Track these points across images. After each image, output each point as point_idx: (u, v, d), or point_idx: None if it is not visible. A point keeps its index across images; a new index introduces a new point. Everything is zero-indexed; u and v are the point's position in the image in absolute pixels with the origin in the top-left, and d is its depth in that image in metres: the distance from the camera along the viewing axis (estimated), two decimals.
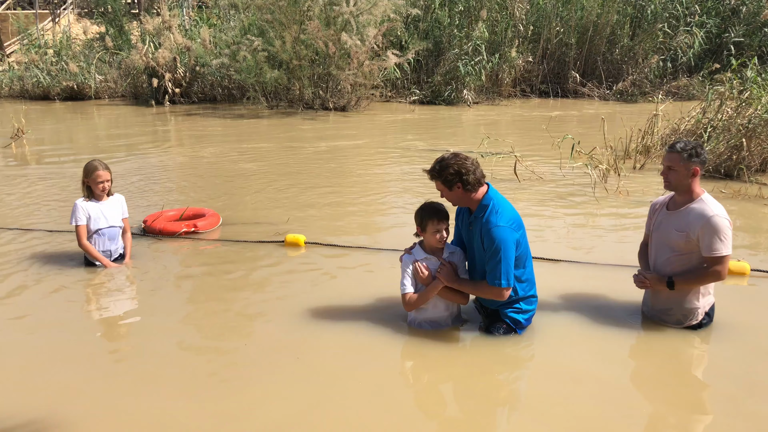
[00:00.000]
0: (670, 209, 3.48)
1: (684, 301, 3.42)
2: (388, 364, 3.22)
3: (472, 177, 3.23)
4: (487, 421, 2.72)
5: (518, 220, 3.33)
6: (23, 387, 2.98)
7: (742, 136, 7.02)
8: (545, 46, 16.17)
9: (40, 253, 4.80)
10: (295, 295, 4.04)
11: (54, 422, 2.68)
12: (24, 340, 3.46)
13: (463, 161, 3.26)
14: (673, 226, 3.38)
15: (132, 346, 3.45)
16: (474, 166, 3.26)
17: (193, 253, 4.90)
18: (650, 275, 3.46)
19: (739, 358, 3.21)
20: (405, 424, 2.68)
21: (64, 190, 6.86)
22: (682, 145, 3.35)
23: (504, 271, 3.21)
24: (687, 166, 3.32)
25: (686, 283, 3.35)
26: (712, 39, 15.99)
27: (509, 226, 3.23)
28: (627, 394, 2.93)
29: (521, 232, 3.32)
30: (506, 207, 3.31)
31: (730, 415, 2.74)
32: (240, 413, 2.75)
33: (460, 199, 3.35)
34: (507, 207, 3.32)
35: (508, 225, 3.22)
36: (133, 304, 4.01)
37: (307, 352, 3.30)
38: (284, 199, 6.45)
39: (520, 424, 2.70)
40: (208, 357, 3.28)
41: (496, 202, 3.28)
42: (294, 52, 13.57)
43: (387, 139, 10.57)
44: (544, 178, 7.18)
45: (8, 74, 17.34)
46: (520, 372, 3.23)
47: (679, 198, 3.43)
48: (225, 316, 3.77)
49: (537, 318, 3.55)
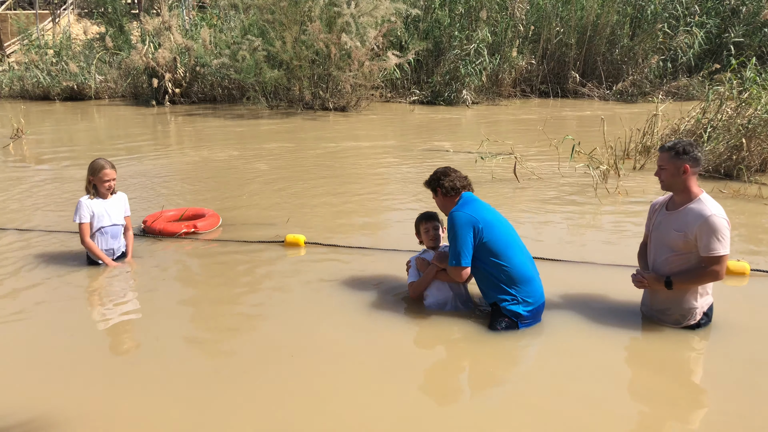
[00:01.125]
0: (669, 209, 3.49)
1: (682, 301, 3.42)
2: (387, 363, 3.22)
3: (448, 183, 3.66)
4: (482, 417, 2.72)
5: (480, 213, 3.54)
6: (23, 387, 2.98)
7: (742, 136, 7.02)
8: (545, 47, 16.18)
9: (40, 253, 4.80)
10: (295, 296, 4.05)
11: (54, 422, 2.68)
12: (24, 339, 3.47)
13: (447, 171, 3.73)
14: (672, 226, 3.39)
15: (132, 346, 3.45)
16: (454, 176, 3.69)
17: (193, 253, 4.91)
18: (648, 275, 3.47)
19: (738, 358, 3.22)
20: (403, 423, 2.68)
21: (63, 191, 6.87)
22: (671, 143, 3.40)
23: (455, 252, 3.52)
24: (676, 164, 3.34)
25: (684, 283, 3.36)
26: (712, 39, 15.99)
27: (464, 211, 3.54)
28: (624, 394, 2.94)
29: (483, 221, 3.51)
30: (473, 205, 3.60)
31: (728, 414, 2.74)
32: (240, 413, 2.75)
33: (443, 204, 3.76)
34: (474, 205, 3.60)
35: (462, 211, 3.54)
36: (133, 304, 4.00)
37: (306, 352, 3.30)
38: (284, 200, 6.46)
39: (515, 421, 2.70)
40: (208, 356, 3.28)
41: (464, 201, 3.64)
42: (294, 53, 13.58)
43: (387, 140, 10.57)
44: (544, 179, 7.18)
45: (8, 74, 17.34)
46: (516, 369, 3.23)
47: (678, 198, 3.43)
48: (225, 316, 3.77)
49: None
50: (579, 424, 2.67)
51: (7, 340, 3.46)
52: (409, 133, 11.17)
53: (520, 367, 3.29)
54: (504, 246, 3.53)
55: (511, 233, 3.64)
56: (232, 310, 3.85)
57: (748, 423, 2.67)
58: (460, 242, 3.49)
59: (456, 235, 3.51)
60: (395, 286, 4.11)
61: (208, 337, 3.51)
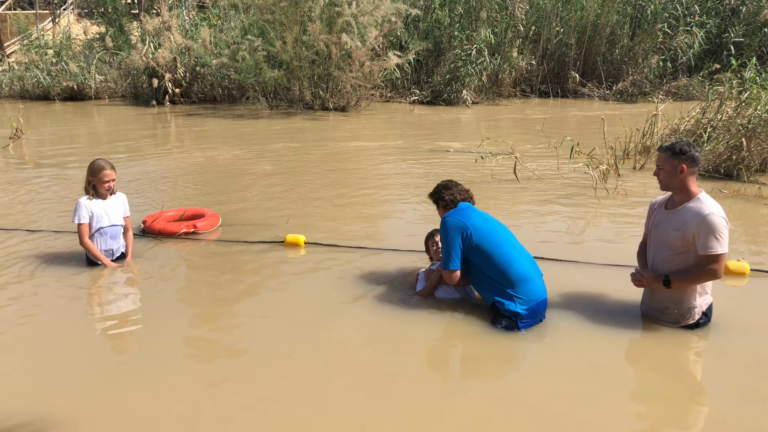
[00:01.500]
0: (668, 208, 3.50)
1: (681, 300, 3.43)
2: (387, 362, 3.22)
3: (448, 196, 3.84)
4: (481, 416, 2.72)
5: (470, 219, 3.66)
6: (23, 387, 2.98)
7: (742, 136, 7.02)
8: (545, 47, 16.18)
9: (40, 254, 4.80)
10: (294, 295, 4.05)
11: (54, 422, 2.68)
12: (24, 340, 3.47)
13: (448, 185, 3.90)
14: (671, 225, 3.40)
15: (131, 346, 3.45)
16: (455, 190, 3.85)
17: (193, 253, 4.91)
18: (647, 274, 3.48)
19: (738, 358, 3.22)
20: (402, 421, 2.68)
21: (62, 191, 6.87)
22: (668, 143, 3.41)
23: (445, 256, 3.66)
24: (673, 164, 3.35)
25: (683, 282, 3.36)
26: (712, 39, 15.99)
27: (454, 217, 3.68)
28: (623, 393, 2.93)
29: (472, 226, 3.63)
30: (464, 212, 3.74)
31: (727, 414, 2.74)
32: (240, 413, 2.75)
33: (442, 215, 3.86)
34: (465, 212, 3.74)
35: (453, 217, 3.69)
36: (132, 304, 4.00)
37: (306, 351, 3.30)
38: (284, 200, 6.46)
39: (514, 420, 2.70)
40: (208, 356, 3.28)
41: (458, 209, 3.78)
42: (295, 53, 13.57)
43: (387, 140, 10.57)
44: (544, 179, 7.18)
45: (8, 74, 17.35)
46: (515, 367, 3.23)
47: (677, 197, 3.44)
48: (224, 316, 3.77)
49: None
50: (575, 422, 2.67)
51: (6, 341, 3.46)
52: (410, 133, 11.17)
53: (519, 366, 3.28)
54: (495, 247, 3.60)
55: (503, 234, 3.71)
56: (232, 310, 3.85)
57: (746, 423, 2.68)
58: (448, 246, 3.64)
59: (446, 239, 3.65)
60: (395, 286, 4.12)
61: (208, 337, 3.51)
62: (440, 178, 5.06)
